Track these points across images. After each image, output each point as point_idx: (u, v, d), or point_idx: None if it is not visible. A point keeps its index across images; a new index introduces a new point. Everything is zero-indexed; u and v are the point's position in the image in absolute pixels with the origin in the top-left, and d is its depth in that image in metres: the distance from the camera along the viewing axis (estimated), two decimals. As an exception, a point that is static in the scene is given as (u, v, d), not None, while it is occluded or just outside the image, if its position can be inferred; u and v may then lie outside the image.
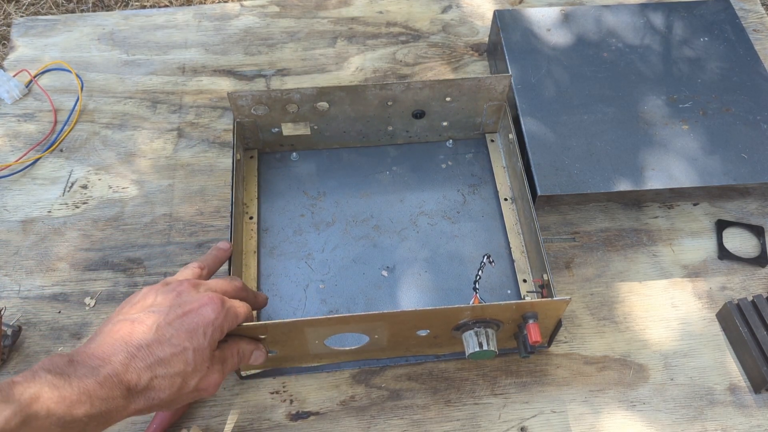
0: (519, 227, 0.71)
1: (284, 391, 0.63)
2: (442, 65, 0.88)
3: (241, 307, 0.54)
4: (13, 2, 1.64)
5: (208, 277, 0.58)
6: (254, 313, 0.65)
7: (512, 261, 0.69)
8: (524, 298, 0.67)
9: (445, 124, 0.76)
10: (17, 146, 0.79)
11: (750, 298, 0.66)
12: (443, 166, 0.76)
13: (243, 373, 0.63)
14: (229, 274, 0.61)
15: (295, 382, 0.64)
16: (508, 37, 0.82)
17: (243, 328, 0.55)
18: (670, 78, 0.78)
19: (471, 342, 0.59)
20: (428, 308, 0.56)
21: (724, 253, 0.72)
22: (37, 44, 0.89)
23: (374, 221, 0.72)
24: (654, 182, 0.70)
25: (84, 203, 0.75)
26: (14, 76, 0.84)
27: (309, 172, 0.75)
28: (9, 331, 0.64)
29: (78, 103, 0.83)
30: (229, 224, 0.64)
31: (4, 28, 1.58)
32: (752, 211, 0.76)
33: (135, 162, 0.78)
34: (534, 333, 0.58)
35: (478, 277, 0.65)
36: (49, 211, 0.74)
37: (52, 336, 0.66)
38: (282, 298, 0.67)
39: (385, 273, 0.69)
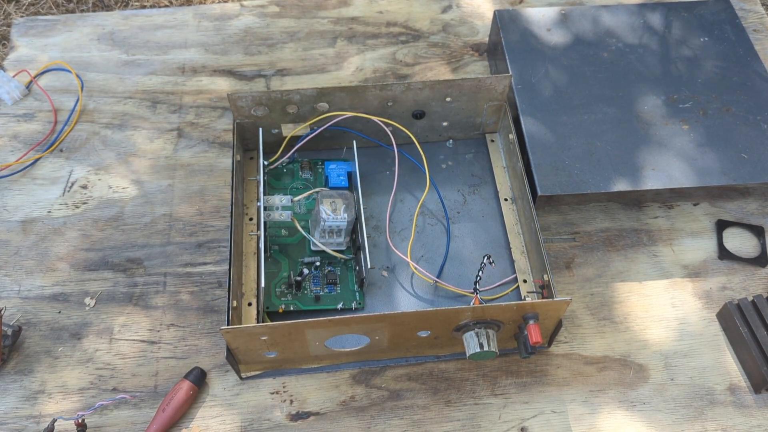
0: (519, 227, 0.71)
1: (284, 391, 0.63)
2: (442, 65, 0.88)
3: None
4: (13, 2, 1.64)
5: None
6: (254, 313, 0.65)
7: (512, 261, 0.69)
8: (525, 299, 0.67)
9: (445, 124, 0.76)
10: (17, 146, 0.79)
11: (750, 298, 0.66)
12: (443, 166, 0.76)
13: (243, 374, 0.63)
14: (229, 277, 0.61)
15: (295, 383, 0.64)
16: (508, 37, 0.82)
17: (247, 328, 0.55)
18: (670, 78, 0.78)
19: (472, 343, 0.59)
20: (429, 309, 0.56)
21: (724, 253, 0.72)
22: (37, 44, 0.89)
23: (374, 221, 0.72)
24: (654, 182, 0.70)
25: (84, 203, 0.75)
26: (14, 76, 0.84)
27: (309, 173, 0.75)
28: (9, 331, 0.64)
29: (78, 103, 0.83)
30: (229, 225, 0.64)
31: (4, 28, 1.58)
32: (752, 211, 0.76)
33: (135, 162, 0.78)
34: (534, 334, 0.58)
35: (478, 277, 0.65)
36: (49, 211, 0.74)
37: (52, 336, 0.66)
38: (282, 298, 0.67)
39: (385, 273, 0.69)
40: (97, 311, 0.68)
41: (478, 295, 0.65)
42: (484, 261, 0.65)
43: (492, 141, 0.78)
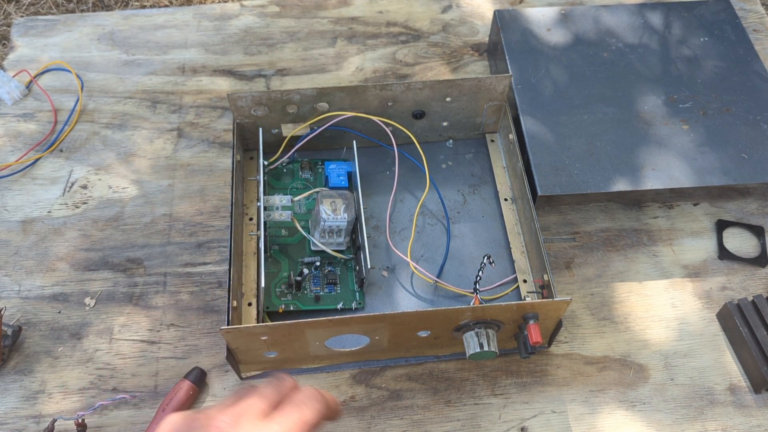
0: (519, 227, 0.71)
1: (284, 392, 0.63)
2: (442, 65, 0.88)
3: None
4: (13, 2, 1.64)
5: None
6: (255, 313, 0.65)
7: (512, 261, 0.69)
8: (525, 299, 0.67)
9: (445, 124, 0.76)
10: (17, 146, 0.79)
11: (750, 298, 0.66)
12: (443, 166, 0.76)
13: (243, 374, 0.63)
14: (229, 277, 0.61)
15: (295, 383, 0.64)
16: (508, 37, 0.82)
17: (247, 328, 0.55)
18: (670, 78, 0.78)
19: (472, 343, 0.59)
20: (429, 309, 0.56)
21: (724, 253, 0.72)
22: (37, 44, 0.89)
23: (374, 221, 0.72)
24: (654, 182, 0.70)
25: (84, 203, 0.75)
26: (14, 76, 0.84)
27: (309, 173, 0.75)
28: (9, 331, 0.64)
29: (78, 103, 0.83)
30: (229, 225, 0.64)
31: (4, 28, 1.58)
32: (752, 211, 0.76)
33: (135, 162, 0.78)
34: (534, 334, 0.58)
35: (478, 277, 0.65)
36: (49, 211, 0.74)
37: (52, 336, 0.66)
38: (282, 298, 0.67)
39: (385, 273, 0.69)
40: (97, 311, 0.68)
41: (478, 295, 0.65)
42: (484, 261, 0.65)
43: (492, 141, 0.78)
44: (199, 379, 0.63)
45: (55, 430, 0.59)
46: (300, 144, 0.72)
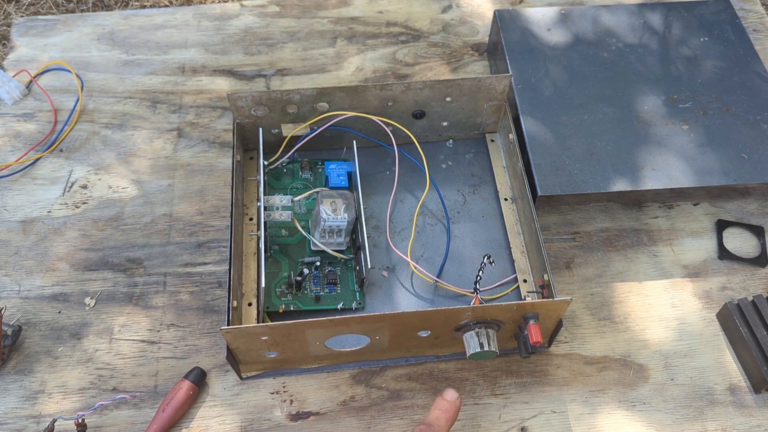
0: (519, 227, 0.71)
1: (284, 391, 0.63)
2: (442, 65, 0.88)
3: None
4: (13, 2, 1.64)
5: None
6: (255, 313, 0.65)
7: (512, 261, 0.69)
8: (525, 299, 0.67)
9: (445, 124, 0.76)
10: (17, 146, 0.79)
11: (750, 298, 0.66)
12: (443, 166, 0.76)
13: (243, 374, 0.63)
14: (229, 277, 0.61)
15: (295, 383, 0.64)
16: (508, 37, 0.82)
17: (247, 328, 0.55)
18: (670, 78, 0.79)
19: (472, 343, 0.59)
20: (429, 309, 0.56)
21: (724, 253, 0.72)
22: (37, 44, 0.89)
23: (374, 221, 0.72)
24: (654, 182, 0.70)
25: (84, 203, 0.75)
26: (14, 76, 0.84)
27: (309, 172, 0.75)
28: (9, 331, 0.64)
29: (78, 103, 0.83)
30: (229, 225, 0.64)
31: (4, 28, 1.58)
32: (752, 211, 0.76)
33: (135, 162, 0.78)
34: (535, 333, 0.58)
35: (478, 277, 0.65)
36: (49, 211, 0.74)
37: (52, 336, 0.66)
38: (282, 298, 0.67)
39: (385, 273, 0.69)
40: (97, 311, 0.68)
41: (479, 295, 0.65)
42: (484, 261, 0.65)
43: (492, 141, 0.78)
44: (199, 379, 0.63)
45: (55, 430, 0.59)
46: (300, 144, 0.72)
